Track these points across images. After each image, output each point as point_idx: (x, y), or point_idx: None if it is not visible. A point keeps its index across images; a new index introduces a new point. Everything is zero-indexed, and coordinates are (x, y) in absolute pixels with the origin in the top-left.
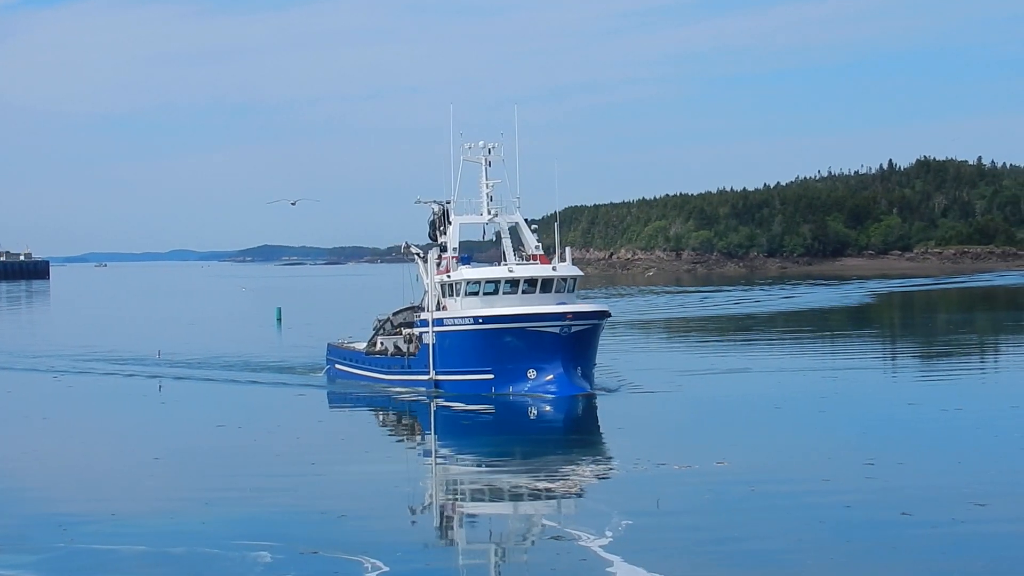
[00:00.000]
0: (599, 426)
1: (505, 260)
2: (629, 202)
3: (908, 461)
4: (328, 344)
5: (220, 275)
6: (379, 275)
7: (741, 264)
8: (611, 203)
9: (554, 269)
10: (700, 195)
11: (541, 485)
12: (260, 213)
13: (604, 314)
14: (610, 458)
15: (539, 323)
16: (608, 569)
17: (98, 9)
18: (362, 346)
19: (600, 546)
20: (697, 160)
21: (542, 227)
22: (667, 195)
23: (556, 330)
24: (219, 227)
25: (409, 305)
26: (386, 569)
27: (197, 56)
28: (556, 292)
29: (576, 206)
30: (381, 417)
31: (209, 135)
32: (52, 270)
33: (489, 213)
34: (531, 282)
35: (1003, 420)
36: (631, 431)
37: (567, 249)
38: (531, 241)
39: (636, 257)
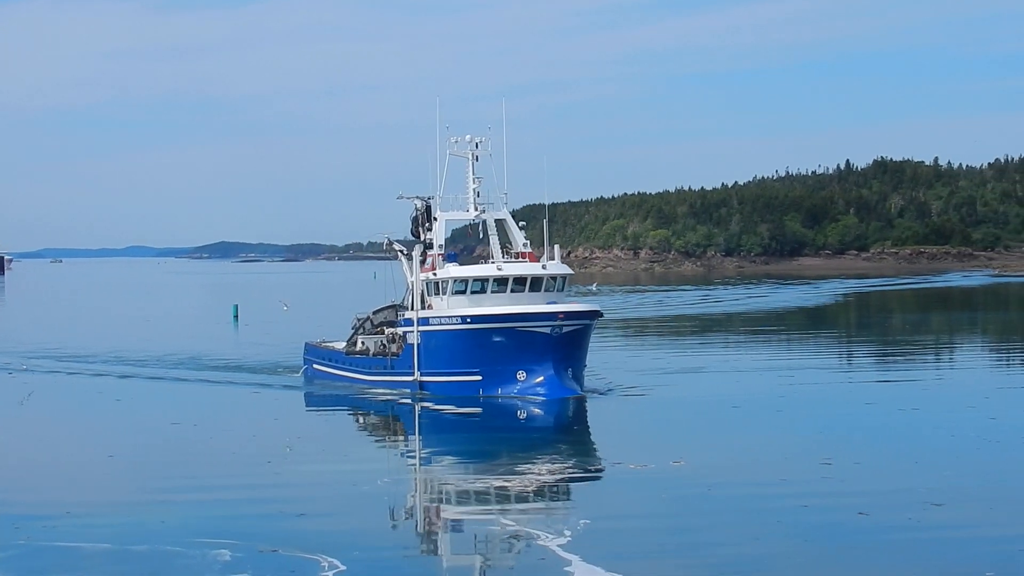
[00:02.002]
0: (573, 428)
1: (492, 258)
2: (587, 200)
3: (865, 461)
4: (306, 343)
5: (177, 272)
6: (337, 272)
7: (698, 263)
8: (569, 201)
9: (544, 267)
10: (658, 194)
11: (500, 485)
12: (217, 210)
13: (596, 314)
14: (571, 458)
15: (530, 323)
16: (566, 568)
17: (54, 4)
18: (341, 346)
19: (559, 545)
20: (655, 159)
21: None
22: (625, 194)
23: (547, 330)
24: (176, 223)
25: (390, 303)
26: (343, 568)
27: (155, 52)
28: (546, 291)
29: (534, 204)
30: (350, 418)
31: (167, 131)
32: (6, 266)
33: (476, 209)
34: (520, 281)
35: (960, 421)
36: (605, 433)
37: (556, 247)
38: (519, 238)
39: (594, 256)
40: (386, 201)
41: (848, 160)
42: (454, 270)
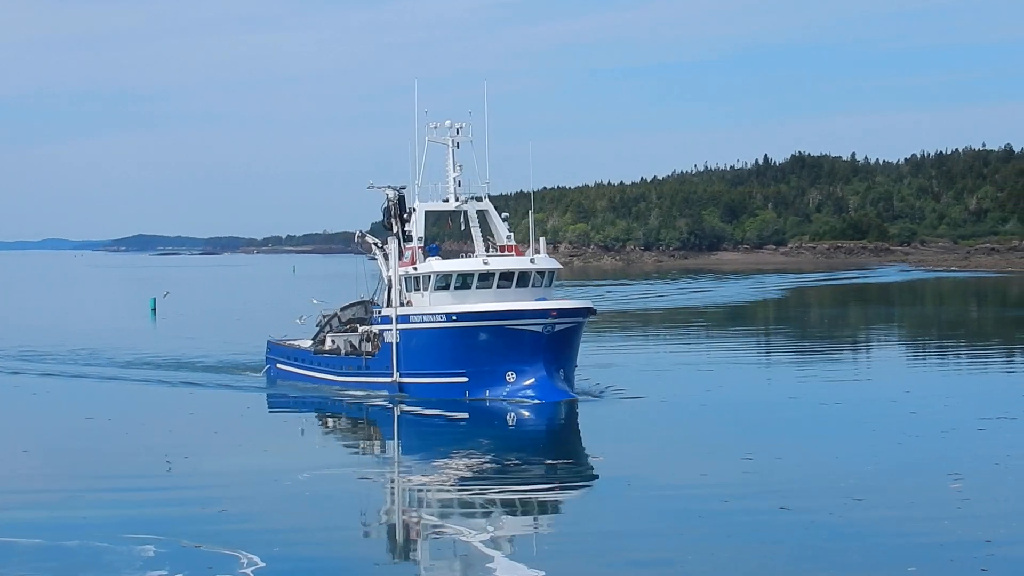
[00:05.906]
0: (509, 427)
1: (474, 251)
2: (506, 194)
3: (786, 455)
4: (268, 341)
5: (95, 264)
6: (257, 266)
7: (617, 257)
8: (488, 195)
9: (532, 262)
10: (577, 188)
11: (421, 480)
12: (134, 202)
13: (589, 311)
14: (488, 454)
15: (520, 321)
16: (488, 565)
17: None
18: (307, 344)
19: (481, 542)
20: (575, 153)
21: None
22: (544, 188)
23: (539, 329)
24: (93, 216)
25: (359, 299)
26: (262, 565)
27: (71, 41)
28: (533, 287)
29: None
30: (312, 418)
31: (83, 123)
32: None
33: (457, 199)
34: (507, 276)
35: (880, 415)
36: (552, 432)
37: (541, 239)
38: (502, 231)
39: None
40: (306, 194)
41: (766, 155)
42: (436, 264)
